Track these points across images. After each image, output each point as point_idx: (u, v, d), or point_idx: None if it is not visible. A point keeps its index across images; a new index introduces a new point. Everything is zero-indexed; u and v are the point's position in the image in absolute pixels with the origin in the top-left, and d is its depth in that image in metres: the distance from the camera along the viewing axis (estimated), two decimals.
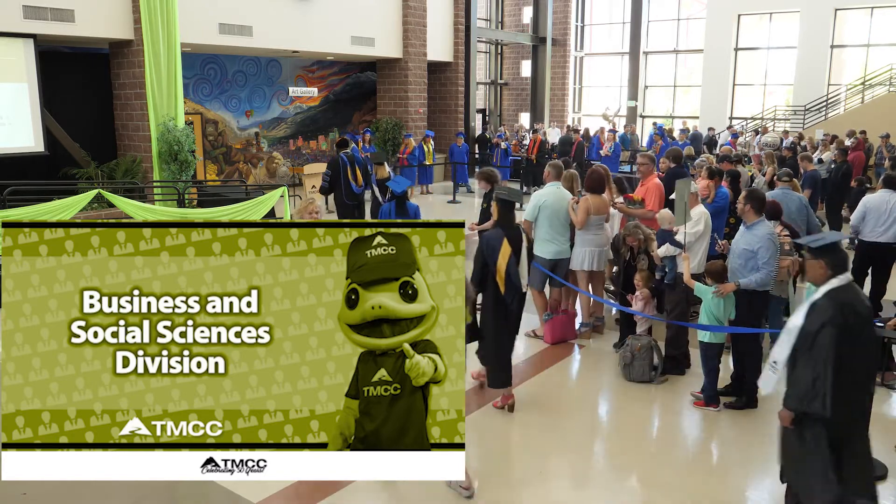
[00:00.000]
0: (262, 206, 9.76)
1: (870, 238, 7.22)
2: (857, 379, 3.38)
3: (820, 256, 3.43)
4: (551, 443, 4.73)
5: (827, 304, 3.34)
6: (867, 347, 3.43)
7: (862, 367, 3.40)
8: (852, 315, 3.31)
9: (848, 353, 3.28)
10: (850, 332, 3.29)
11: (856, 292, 3.45)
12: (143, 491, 4.12)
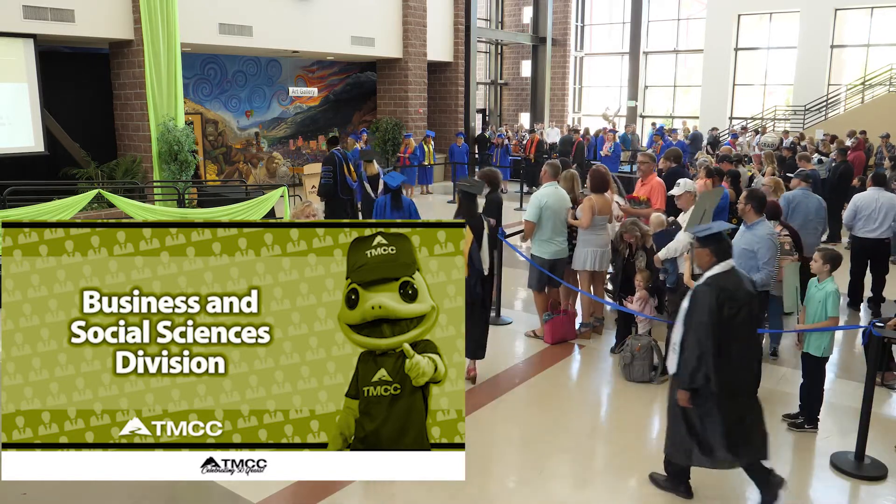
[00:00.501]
0: (262, 206, 9.76)
1: (862, 234, 7.49)
2: (739, 356, 3.72)
3: (706, 245, 3.82)
4: (551, 443, 4.73)
5: (706, 289, 3.73)
6: (747, 327, 3.76)
7: (743, 346, 3.74)
8: (728, 299, 3.67)
9: (727, 333, 3.66)
10: (728, 315, 3.66)
11: (736, 278, 3.81)
12: (143, 491, 4.12)
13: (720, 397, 3.73)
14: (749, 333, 3.83)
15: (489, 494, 4.13)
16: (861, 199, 7.53)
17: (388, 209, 6.58)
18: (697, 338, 3.70)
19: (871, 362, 4.47)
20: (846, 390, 5.64)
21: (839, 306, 4.76)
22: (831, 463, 4.42)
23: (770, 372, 5.95)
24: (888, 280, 8.28)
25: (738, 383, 3.80)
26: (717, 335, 3.66)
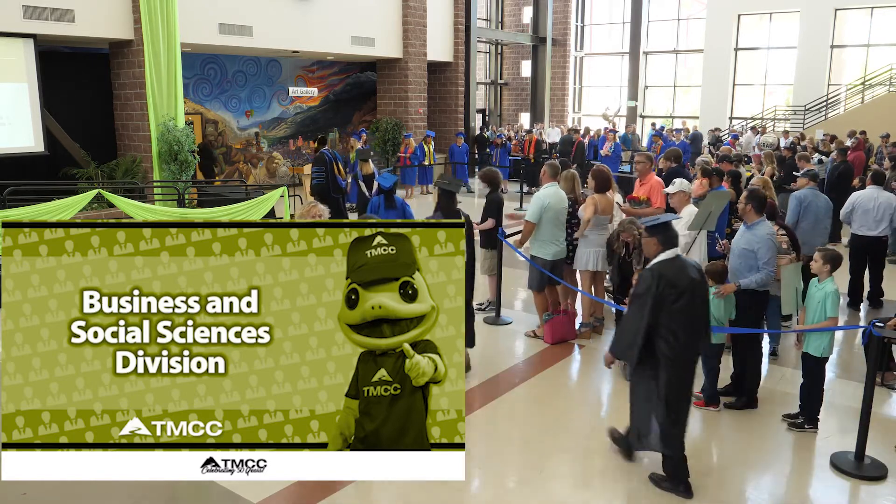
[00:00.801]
0: (262, 206, 9.76)
1: (861, 232, 7.64)
2: (680, 341, 3.96)
3: (653, 234, 4.10)
4: (551, 443, 4.73)
5: (650, 274, 4.02)
6: (687, 313, 3.97)
7: (684, 331, 3.97)
8: (669, 287, 3.93)
9: (669, 317, 3.92)
10: (668, 299, 3.92)
11: (680, 265, 4.04)
12: (143, 491, 4.12)
13: (665, 376, 3.99)
14: (689, 319, 3.99)
15: (489, 494, 4.13)
16: (860, 196, 7.65)
17: (381, 209, 6.79)
18: (634, 316, 4.02)
19: (871, 362, 4.47)
20: (846, 390, 5.64)
21: (839, 306, 4.76)
22: (831, 463, 4.42)
23: (770, 372, 5.95)
24: (888, 280, 8.32)
25: (681, 365, 4.02)
26: (654, 316, 3.92)
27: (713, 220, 5.62)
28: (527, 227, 6.44)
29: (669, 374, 3.98)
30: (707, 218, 5.50)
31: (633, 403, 4.23)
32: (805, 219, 7.22)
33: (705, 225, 5.53)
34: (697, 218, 5.59)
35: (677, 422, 4.02)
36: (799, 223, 7.21)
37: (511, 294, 8.26)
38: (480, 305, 7.74)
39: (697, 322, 4.08)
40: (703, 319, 4.16)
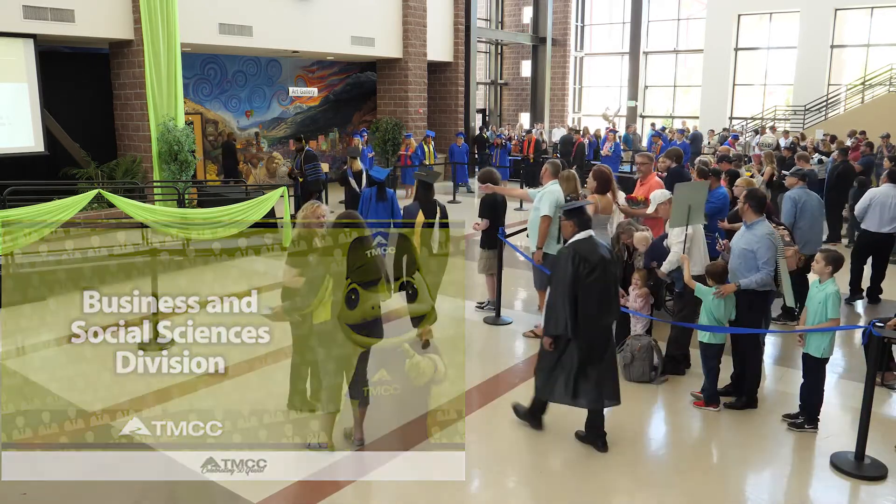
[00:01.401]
0: (262, 206, 9.75)
1: (873, 229, 7.75)
2: (593, 311, 4.43)
3: (570, 218, 4.64)
4: (551, 443, 4.73)
5: (566, 252, 4.52)
6: (599, 286, 4.45)
7: (596, 302, 4.45)
8: (583, 262, 4.43)
9: (582, 290, 4.41)
10: (582, 273, 4.42)
11: (593, 244, 4.56)
12: (142, 491, 4.12)
13: (577, 345, 4.48)
14: (601, 291, 4.48)
15: (489, 494, 4.13)
16: (877, 193, 7.80)
17: (373, 200, 7.31)
18: (557, 292, 4.49)
19: (871, 362, 4.47)
20: (846, 390, 5.64)
21: (839, 307, 4.75)
22: (831, 463, 4.42)
23: (770, 372, 5.96)
24: (888, 279, 8.33)
25: (593, 334, 4.51)
26: (573, 290, 4.41)
27: (698, 214, 5.53)
28: (545, 223, 6.40)
29: (583, 339, 4.47)
30: (688, 213, 5.42)
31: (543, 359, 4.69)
32: (802, 218, 7.24)
33: (691, 220, 5.46)
34: (675, 214, 5.52)
35: (588, 379, 4.49)
36: (796, 223, 7.22)
37: (511, 294, 8.26)
38: (480, 305, 7.74)
39: (607, 294, 4.56)
40: (612, 292, 4.63)
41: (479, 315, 7.51)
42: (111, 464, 4.45)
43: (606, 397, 4.60)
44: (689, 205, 5.44)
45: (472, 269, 8.25)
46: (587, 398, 4.56)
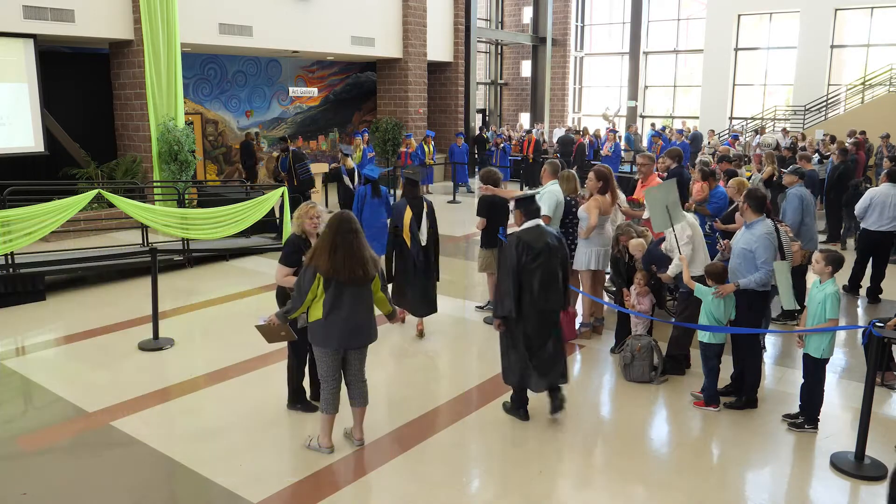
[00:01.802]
0: (262, 206, 9.75)
1: (874, 227, 7.92)
2: (536, 295, 4.76)
3: (518, 207, 4.98)
4: (551, 442, 4.73)
5: (513, 239, 4.83)
6: (542, 272, 4.76)
7: (538, 286, 4.76)
8: (527, 249, 4.75)
9: (527, 275, 4.74)
10: (526, 260, 4.74)
11: (538, 232, 4.86)
12: (142, 491, 4.12)
13: (524, 327, 4.81)
14: (543, 277, 4.78)
15: (489, 494, 4.13)
16: (877, 193, 7.95)
17: (368, 197, 7.69)
18: (503, 276, 4.81)
19: (871, 362, 4.47)
20: (846, 390, 5.65)
21: (839, 308, 4.75)
22: (831, 463, 4.42)
23: (770, 372, 5.95)
24: (888, 279, 8.34)
25: (539, 317, 4.82)
26: (517, 275, 4.73)
27: (677, 212, 5.57)
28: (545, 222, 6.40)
29: (528, 322, 4.80)
30: (668, 213, 5.48)
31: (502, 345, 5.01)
32: (808, 214, 7.28)
33: (673, 220, 5.50)
34: (656, 219, 5.60)
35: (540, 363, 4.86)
36: (803, 220, 7.24)
37: None
38: (480, 307, 7.76)
39: (551, 279, 4.84)
40: (556, 278, 4.87)
41: (479, 315, 7.52)
42: (111, 464, 4.46)
43: (563, 376, 5.00)
44: (664, 206, 5.49)
45: (472, 268, 8.26)
46: (548, 379, 4.91)
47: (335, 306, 4.24)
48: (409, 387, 5.71)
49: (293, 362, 5.07)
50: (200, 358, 6.30)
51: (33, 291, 7.97)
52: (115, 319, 7.31)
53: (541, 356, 4.86)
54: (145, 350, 6.44)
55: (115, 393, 5.46)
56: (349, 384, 4.55)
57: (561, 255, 4.93)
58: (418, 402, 5.37)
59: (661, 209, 5.52)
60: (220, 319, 7.49)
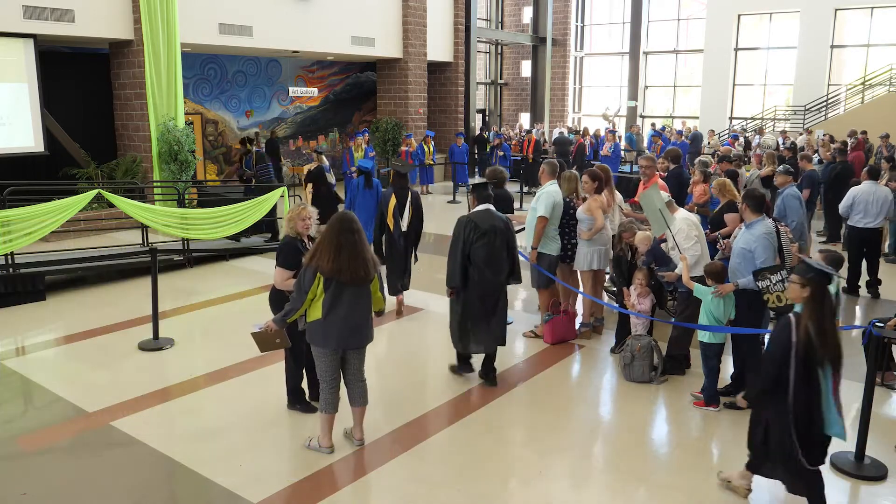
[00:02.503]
0: (262, 206, 9.75)
1: (860, 224, 8.15)
2: (480, 268, 5.45)
3: (472, 193, 5.71)
4: (551, 442, 4.73)
5: (464, 219, 5.51)
6: (485, 250, 5.43)
7: (482, 261, 5.44)
8: (474, 228, 5.44)
9: (473, 251, 5.42)
10: (471, 238, 5.43)
11: (487, 215, 5.53)
12: (142, 491, 4.12)
13: (469, 298, 5.49)
14: (487, 253, 5.45)
15: (489, 494, 4.13)
16: (859, 191, 8.17)
17: (361, 188, 8.66)
18: (452, 251, 5.52)
19: (871, 362, 4.47)
20: (846, 390, 5.63)
21: (840, 309, 4.75)
22: (831, 463, 4.42)
23: None
24: (888, 279, 8.34)
25: (483, 287, 5.48)
26: (464, 250, 5.43)
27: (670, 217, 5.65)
28: (541, 223, 6.41)
29: (472, 294, 5.48)
30: (663, 218, 5.55)
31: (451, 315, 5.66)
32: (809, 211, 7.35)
33: (668, 222, 5.57)
34: (654, 223, 5.71)
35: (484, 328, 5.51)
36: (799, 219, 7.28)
37: (511, 294, 8.25)
38: None
39: (496, 258, 5.49)
40: (499, 255, 5.50)
41: None
42: (111, 464, 4.45)
43: (498, 342, 5.61)
44: (658, 209, 5.53)
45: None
46: (484, 344, 5.56)
47: (334, 306, 4.23)
48: (409, 387, 5.71)
49: (290, 363, 5.08)
50: (200, 358, 6.29)
51: (33, 291, 7.97)
52: (115, 319, 7.30)
53: (482, 323, 5.52)
54: (145, 350, 6.44)
55: (115, 393, 5.46)
56: (348, 384, 4.55)
57: (506, 235, 5.58)
58: (418, 402, 5.37)
59: (655, 212, 5.56)
60: (220, 319, 7.49)
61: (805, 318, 3.53)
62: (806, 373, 3.54)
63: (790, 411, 3.59)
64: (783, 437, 3.64)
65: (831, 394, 3.57)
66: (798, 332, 3.52)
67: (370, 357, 6.43)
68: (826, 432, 3.63)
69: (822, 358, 3.51)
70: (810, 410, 3.57)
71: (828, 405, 3.58)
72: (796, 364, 3.53)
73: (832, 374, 3.56)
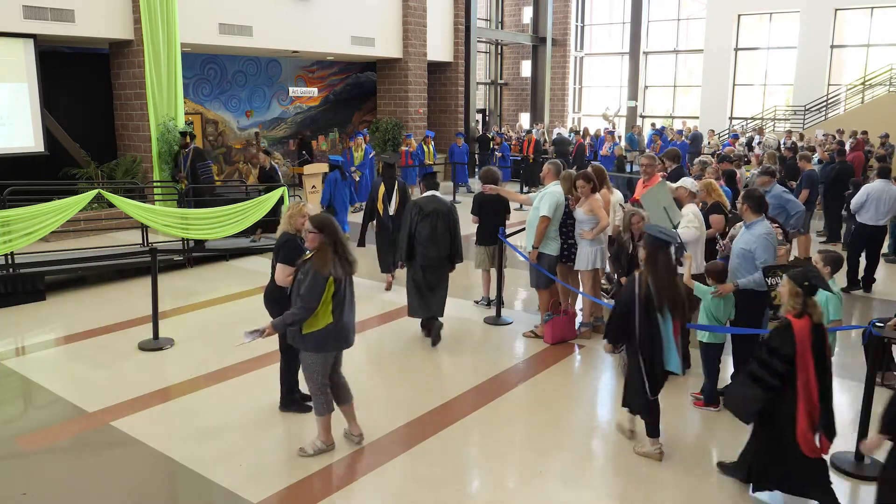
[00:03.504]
0: (262, 206, 9.76)
1: (870, 222, 8.32)
2: (426, 247, 6.40)
3: (422, 181, 6.76)
4: (551, 442, 4.73)
5: (410, 204, 6.55)
6: (427, 230, 6.38)
7: (425, 239, 6.39)
8: (419, 211, 6.42)
9: (418, 230, 6.40)
10: (416, 219, 6.41)
11: (432, 199, 6.49)
12: (142, 491, 4.12)
13: (415, 269, 6.49)
14: (431, 233, 6.38)
15: (489, 494, 4.13)
16: (873, 188, 8.34)
17: (339, 181, 10.01)
18: (403, 232, 6.53)
19: (870, 362, 4.47)
20: (846, 390, 5.64)
21: (841, 309, 4.74)
22: (831, 463, 4.41)
23: None
24: (887, 280, 8.34)
25: (427, 261, 6.43)
26: (411, 232, 6.43)
27: (674, 211, 5.66)
28: (543, 223, 6.42)
29: (417, 267, 6.47)
30: (667, 213, 5.55)
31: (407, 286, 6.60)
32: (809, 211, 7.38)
33: (672, 218, 5.58)
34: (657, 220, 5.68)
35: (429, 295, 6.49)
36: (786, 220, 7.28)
37: (511, 294, 8.26)
38: (476, 302, 7.79)
39: (437, 237, 6.40)
40: (439, 234, 6.40)
41: (479, 315, 7.51)
42: (111, 464, 4.45)
43: (437, 310, 6.54)
44: (662, 207, 5.53)
45: (472, 268, 8.26)
46: (428, 309, 6.51)
47: (342, 308, 4.25)
48: (408, 387, 5.71)
49: (283, 365, 5.10)
50: (200, 358, 6.29)
51: (33, 291, 7.97)
52: (115, 319, 7.31)
53: (427, 293, 6.47)
54: (145, 350, 6.44)
55: (115, 393, 5.46)
56: (336, 384, 4.55)
57: (447, 218, 6.46)
58: (418, 402, 5.37)
59: (659, 211, 5.57)
60: (220, 319, 7.49)
61: (644, 275, 4.29)
62: (649, 319, 4.25)
63: (638, 352, 4.31)
64: (633, 373, 4.43)
65: (671, 336, 4.27)
66: (640, 287, 4.28)
67: (371, 357, 6.44)
68: (667, 368, 4.34)
69: (660, 305, 4.23)
70: (654, 350, 4.28)
71: (668, 345, 4.28)
72: (640, 312, 4.25)
73: (672, 319, 4.27)
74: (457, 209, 6.67)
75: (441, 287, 6.52)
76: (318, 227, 4.20)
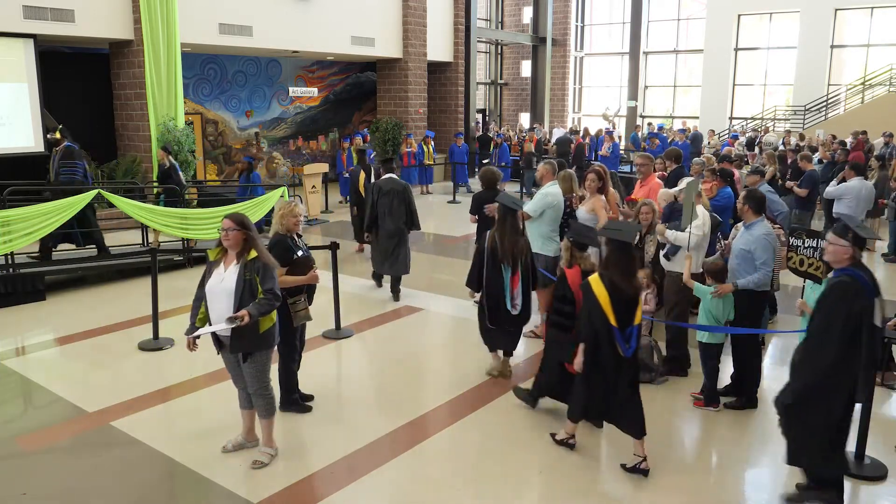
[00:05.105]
0: (262, 206, 9.76)
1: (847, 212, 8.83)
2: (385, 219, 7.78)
3: (381, 166, 8.21)
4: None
5: (371, 185, 7.99)
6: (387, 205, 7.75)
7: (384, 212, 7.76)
8: (379, 189, 7.78)
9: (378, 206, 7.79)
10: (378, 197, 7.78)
11: (389, 180, 7.82)
12: (142, 491, 4.12)
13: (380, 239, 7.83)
14: (388, 208, 7.76)
15: (489, 494, 4.13)
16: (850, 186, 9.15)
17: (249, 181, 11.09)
18: (366, 208, 7.97)
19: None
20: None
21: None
22: None
23: (770, 372, 5.95)
24: (887, 280, 8.36)
25: (386, 230, 7.77)
26: (374, 208, 7.83)
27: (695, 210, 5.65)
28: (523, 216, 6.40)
29: (382, 235, 7.80)
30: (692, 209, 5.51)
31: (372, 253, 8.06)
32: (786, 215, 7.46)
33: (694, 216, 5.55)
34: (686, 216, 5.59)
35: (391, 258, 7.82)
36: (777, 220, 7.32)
37: None
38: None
39: (394, 210, 7.75)
40: (398, 209, 7.76)
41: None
42: (111, 464, 4.45)
43: (402, 270, 7.88)
44: (691, 202, 5.48)
45: None
46: (391, 269, 7.87)
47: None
48: (408, 387, 5.71)
49: (282, 366, 5.12)
50: (200, 358, 6.27)
51: (33, 291, 7.97)
52: (115, 319, 7.30)
53: (389, 256, 7.80)
54: (145, 350, 6.44)
55: (115, 393, 5.46)
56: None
57: (402, 195, 7.78)
58: (417, 402, 5.37)
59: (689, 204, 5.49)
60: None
61: (493, 231, 5.45)
62: (495, 268, 5.41)
63: (486, 294, 5.48)
64: (482, 311, 5.60)
65: (510, 284, 5.41)
66: (489, 243, 5.43)
67: (371, 357, 6.44)
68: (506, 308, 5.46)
69: (502, 258, 5.37)
70: (497, 293, 5.44)
71: (507, 291, 5.42)
72: (489, 263, 5.41)
73: (511, 272, 5.40)
74: (410, 188, 8.03)
75: (400, 251, 7.82)
76: (242, 225, 4.21)
